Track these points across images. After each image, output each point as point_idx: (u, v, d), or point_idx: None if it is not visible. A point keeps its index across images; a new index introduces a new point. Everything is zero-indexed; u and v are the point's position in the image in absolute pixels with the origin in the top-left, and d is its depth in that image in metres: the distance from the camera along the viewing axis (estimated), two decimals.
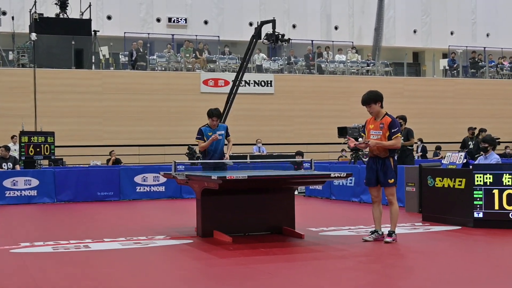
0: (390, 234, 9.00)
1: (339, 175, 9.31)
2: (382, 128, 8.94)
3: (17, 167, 17.93)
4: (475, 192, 10.41)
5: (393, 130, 8.91)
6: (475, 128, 20.10)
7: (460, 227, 10.50)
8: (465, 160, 11.10)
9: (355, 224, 10.97)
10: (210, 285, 6.63)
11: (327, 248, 8.68)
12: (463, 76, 32.12)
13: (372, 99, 9.03)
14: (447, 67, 31.93)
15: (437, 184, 11.26)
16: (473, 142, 19.59)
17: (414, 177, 13.14)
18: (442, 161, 11.92)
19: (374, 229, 9.19)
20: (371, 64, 31.13)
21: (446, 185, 11.04)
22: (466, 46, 33.93)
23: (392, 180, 8.99)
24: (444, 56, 34.22)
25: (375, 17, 34.59)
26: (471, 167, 10.76)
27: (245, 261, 7.76)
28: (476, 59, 32.68)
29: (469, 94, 30.88)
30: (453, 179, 10.89)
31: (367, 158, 9.63)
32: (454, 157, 11.31)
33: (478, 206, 10.38)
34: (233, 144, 11.74)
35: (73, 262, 7.98)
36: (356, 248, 8.61)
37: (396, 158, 9.28)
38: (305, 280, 6.69)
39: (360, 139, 9.50)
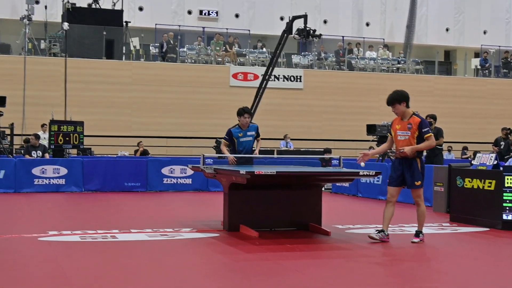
0: (418, 234, 8.91)
1: (368, 173, 9.23)
2: (410, 129, 8.76)
3: (46, 156, 18.11)
4: (504, 194, 10.28)
5: (423, 130, 8.73)
6: (509, 129, 19.83)
7: (488, 229, 10.38)
8: (496, 161, 10.96)
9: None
10: (236, 280, 6.63)
11: (353, 246, 8.63)
12: (495, 76, 31.74)
13: (396, 99, 8.86)
14: (479, 67, 31.58)
15: (466, 184, 11.14)
16: (505, 143, 19.34)
17: (443, 177, 13.01)
18: (472, 162, 11.78)
19: (381, 228, 8.95)
20: (402, 62, 30.88)
21: (475, 186, 10.92)
22: (499, 46, 33.48)
23: (419, 182, 8.83)
24: (476, 55, 33.85)
25: (407, 14, 34.29)
26: (501, 168, 10.62)
27: (271, 256, 7.75)
28: (509, 59, 32.25)
29: (500, 94, 30.52)
30: (482, 180, 10.76)
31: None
32: (485, 158, 11.18)
33: (507, 208, 10.25)
34: (261, 139, 11.66)
35: (100, 252, 8.03)
36: (382, 247, 8.55)
37: (424, 159, 9.13)
38: (331, 278, 6.66)
39: (393, 149, 9.23)
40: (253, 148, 11.35)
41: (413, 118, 8.82)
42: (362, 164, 9.04)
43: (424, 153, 17.82)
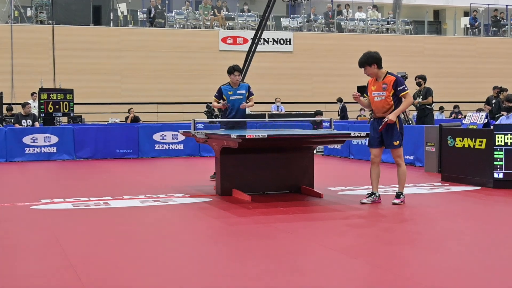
0: (398, 195, 8.84)
1: (358, 135, 9.22)
2: (385, 89, 8.63)
3: (36, 124, 18.03)
4: (495, 152, 10.33)
5: (399, 89, 8.58)
6: (501, 87, 19.83)
7: (479, 188, 10.45)
8: (486, 120, 10.98)
9: None
10: (230, 243, 6.66)
11: (345, 208, 8.67)
12: (485, 35, 31.67)
13: (365, 62, 8.72)
14: (468, 26, 31.50)
15: (457, 144, 11.18)
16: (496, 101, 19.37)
17: (433, 137, 13.06)
18: (463, 121, 11.81)
19: (371, 191, 8.96)
20: (391, 22, 30.74)
21: (466, 145, 10.96)
22: (488, 4, 33.32)
23: (398, 142, 8.69)
24: (466, 14, 33.68)
25: None
26: (492, 127, 10.65)
27: (264, 219, 7.78)
28: (498, 18, 32.15)
29: (490, 53, 30.49)
30: (473, 139, 10.80)
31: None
32: (475, 117, 11.20)
33: (498, 166, 10.31)
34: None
35: (93, 219, 8.04)
36: (374, 208, 8.59)
37: (402, 119, 9.04)
38: (324, 239, 6.70)
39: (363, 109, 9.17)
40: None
41: (388, 77, 8.69)
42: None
43: (415, 113, 17.87)
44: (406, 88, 8.64)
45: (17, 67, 24.48)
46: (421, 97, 15.91)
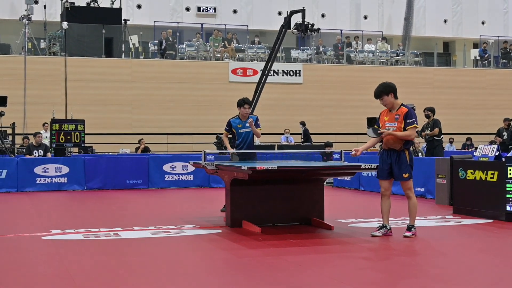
0: (410, 228, 8.80)
1: (369, 167, 9.21)
2: (397, 120, 8.68)
3: (48, 155, 18.12)
4: (508, 185, 10.27)
5: (408, 121, 8.61)
6: (511, 119, 19.79)
7: (492, 221, 10.38)
8: (498, 152, 10.95)
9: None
10: (240, 276, 6.63)
11: (357, 240, 8.63)
12: (495, 67, 31.72)
13: (383, 91, 8.77)
14: (478, 58, 31.56)
15: (468, 176, 11.14)
16: (508, 133, 19.34)
17: (445, 169, 13.00)
18: (474, 153, 11.77)
19: (382, 223, 8.92)
20: (401, 54, 30.87)
21: (478, 178, 10.91)
22: (498, 36, 33.46)
23: (407, 174, 8.68)
24: (475, 46, 33.80)
25: (405, 7, 34.28)
26: (504, 159, 10.61)
27: (275, 252, 7.75)
28: (508, 49, 32.23)
29: (500, 85, 30.50)
30: (485, 171, 10.76)
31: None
32: (486, 149, 11.17)
33: (511, 199, 10.25)
34: (262, 134, 11.68)
35: (104, 250, 8.04)
36: (386, 241, 8.55)
37: (411, 151, 9.06)
38: (335, 272, 6.66)
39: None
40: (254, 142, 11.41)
41: (401, 109, 8.74)
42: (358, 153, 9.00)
43: (424, 145, 17.86)
44: (414, 122, 8.65)
45: (29, 97, 24.69)
46: (429, 129, 15.95)
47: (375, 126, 9.07)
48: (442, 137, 16.40)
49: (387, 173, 8.83)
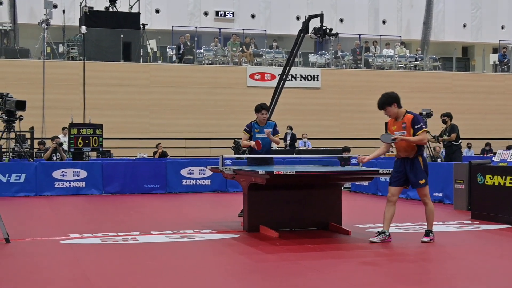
0: (428, 233, 8.78)
1: (387, 172, 9.18)
2: (405, 128, 8.65)
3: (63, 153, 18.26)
4: None
5: (416, 126, 8.59)
6: None
7: (510, 226, 10.29)
8: None
9: (402, 221, 10.84)
10: (257, 281, 6.62)
11: (374, 245, 8.59)
12: None
13: (385, 102, 8.74)
14: (497, 62, 31.35)
15: (487, 181, 11.06)
16: None
17: (463, 175, 12.93)
18: (493, 159, 11.69)
19: (381, 229, 8.84)
20: (419, 59, 30.74)
21: (496, 183, 10.84)
22: None
23: (423, 180, 8.66)
24: (495, 51, 33.59)
25: (424, 11, 34.15)
26: None
27: (292, 257, 7.74)
28: None
29: None
30: (504, 176, 10.68)
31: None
32: (505, 155, 11.09)
33: None
34: (280, 138, 11.69)
35: (121, 255, 8.06)
36: (403, 246, 8.51)
37: (425, 157, 9.01)
38: (352, 277, 6.64)
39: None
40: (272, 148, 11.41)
41: (407, 116, 8.71)
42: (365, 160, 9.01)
43: (443, 150, 17.76)
44: (422, 127, 8.65)
45: (48, 102, 24.86)
46: (447, 134, 15.89)
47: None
48: (461, 142, 16.31)
49: (400, 180, 8.79)
